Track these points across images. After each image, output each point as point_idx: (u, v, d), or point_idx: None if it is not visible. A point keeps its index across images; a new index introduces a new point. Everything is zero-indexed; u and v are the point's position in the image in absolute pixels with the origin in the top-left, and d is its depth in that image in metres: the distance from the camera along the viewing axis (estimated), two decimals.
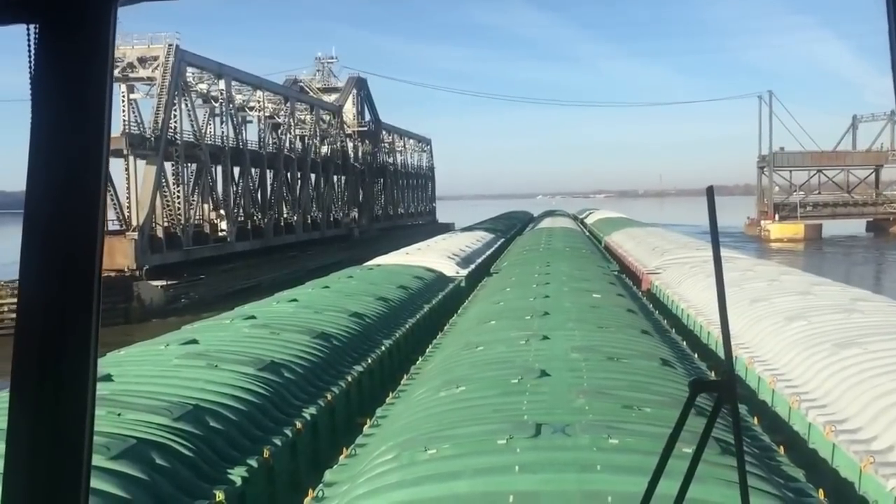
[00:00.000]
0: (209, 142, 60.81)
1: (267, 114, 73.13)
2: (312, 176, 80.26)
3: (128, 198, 54.90)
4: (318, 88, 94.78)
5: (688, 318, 24.39)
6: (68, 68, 1.43)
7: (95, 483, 7.69)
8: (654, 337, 16.39)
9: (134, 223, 51.40)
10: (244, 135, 67.93)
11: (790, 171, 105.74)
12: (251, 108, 71.25)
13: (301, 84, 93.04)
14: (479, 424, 9.30)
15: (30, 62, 1.44)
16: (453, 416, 9.96)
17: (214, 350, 13.92)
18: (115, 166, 55.82)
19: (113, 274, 47.38)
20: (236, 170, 65.43)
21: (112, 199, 55.14)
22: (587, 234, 72.09)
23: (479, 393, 11.02)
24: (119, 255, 48.63)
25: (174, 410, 10.17)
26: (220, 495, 8.94)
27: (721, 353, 19.49)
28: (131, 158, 53.05)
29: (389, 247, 54.72)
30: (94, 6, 1.43)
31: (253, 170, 68.39)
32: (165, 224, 54.58)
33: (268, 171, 70.65)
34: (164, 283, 48.32)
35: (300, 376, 13.83)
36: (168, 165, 55.39)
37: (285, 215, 72.98)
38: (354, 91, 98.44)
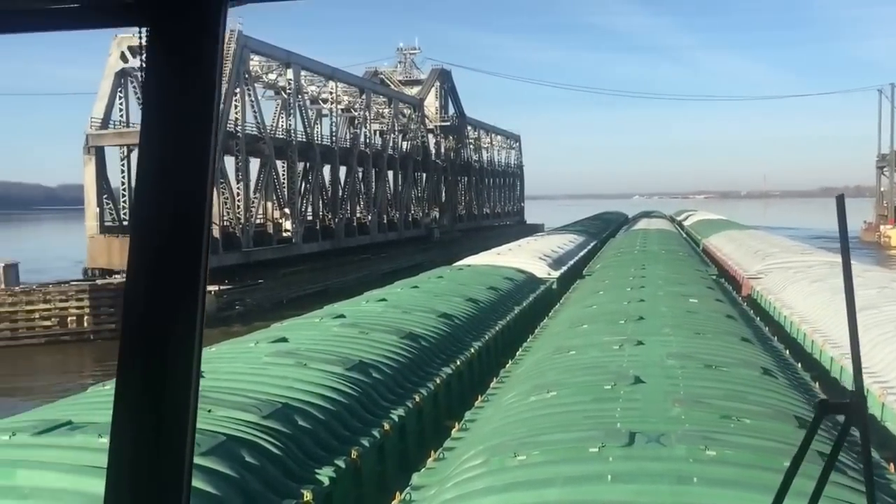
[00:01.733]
0: (275, 135, 56.37)
1: (342, 107, 68.92)
2: (390, 173, 76.51)
3: None
4: (400, 81, 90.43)
5: (791, 326, 23.43)
6: (178, 70, 1.45)
7: None
8: (755, 345, 15.75)
9: None
10: (320, 129, 64.57)
11: None
12: (324, 101, 67.11)
13: (381, 76, 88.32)
14: (570, 431, 9.05)
15: (141, 64, 1.49)
16: (544, 422, 9.72)
17: (304, 348, 14.00)
18: None
19: None
20: (306, 166, 61.27)
21: None
22: (684, 236, 70.43)
23: (571, 399, 10.76)
24: None
25: (263, 408, 10.22)
26: (307, 495, 8.92)
27: (826, 364, 18.59)
28: None
29: (471, 249, 52.74)
30: (205, 8, 1.44)
31: (325, 166, 63.49)
32: (223, 223, 50.42)
33: (341, 167, 65.67)
34: (216, 287, 44.15)
35: (388, 377, 13.78)
36: (229, 161, 52.05)
37: (359, 215, 68.64)
38: (437, 84, 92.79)
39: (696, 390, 10.67)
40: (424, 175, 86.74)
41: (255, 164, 56.32)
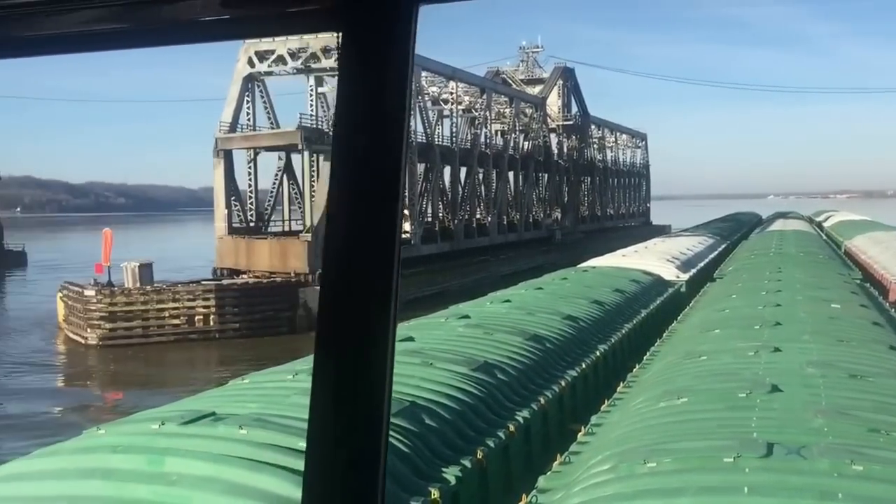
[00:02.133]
0: None
1: (463, 107, 68.98)
2: (511, 174, 75.62)
3: (293, 195, 52.73)
4: (522, 80, 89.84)
5: None
6: (369, 73, 1.49)
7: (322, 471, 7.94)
8: None
9: (308, 223, 49.06)
10: (441, 130, 64.51)
11: None
12: (445, 102, 67.22)
13: (503, 76, 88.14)
14: (702, 439, 8.73)
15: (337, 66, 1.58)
16: (674, 429, 9.42)
17: (429, 348, 14.10)
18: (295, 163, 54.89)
19: (278, 279, 45.59)
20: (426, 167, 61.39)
21: (295, 198, 54.48)
22: (824, 238, 67.20)
23: (703, 406, 10.39)
24: (292, 258, 46.70)
25: (393, 406, 10.29)
26: (435, 493, 8.95)
27: None
28: (305, 154, 50.23)
29: (594, 251, 51.24)
30: (397, 10, 1.47)
31: (445, 167, 63.58)
32: None
33: (461, 168, 65.89)
34: None
35: (513, 378, 13.70)
36: None
37: (478, 216, 68.43)
38: (560, 82, 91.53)
39: (840, 401, 10.09)
40: (546, 175, 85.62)
41: None
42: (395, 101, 1.46)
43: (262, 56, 53.07)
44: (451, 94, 66.29)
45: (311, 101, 55.72)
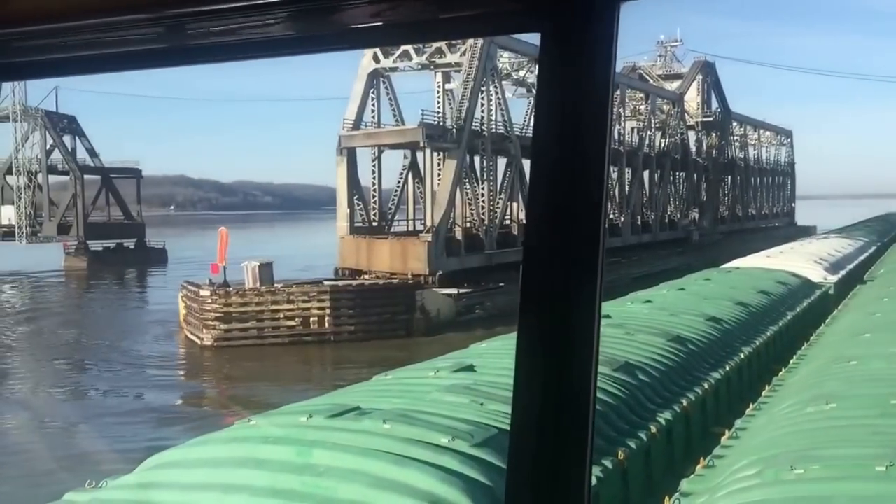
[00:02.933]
0: (523, 133, 54.36)
1: None
2: (648, 173, 73.22)
3: (419, 194, 49.91)
4: (659, 76, 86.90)
5: None
6: (571, 72, 1.45)
7: (459, 467, 8.26)
8: None
9: (429, 223, 46.83)
10: None
11: None
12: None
13: (640, 71, 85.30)
14: (853, 447, 8.54)
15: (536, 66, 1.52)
16: (823, 436, 9.24)
17: None
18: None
19: (395, 281, 43.54)
20: None
21: (420, 197, 51.35)
22: None
23: (853, 412, 10.11)
24: (412, 259, 44.71)
25: None
26: None
27: None
28: (427, 152, 48.11)
29: (732, 253, 48.71)
30: (599, 9, 1.43)
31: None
32: (466, 224, 49.73)
33: None
34: (454, 291, 42.93)
35: (655, 379, 13.65)
36: (475, 160, 51.35)
37: (611, 216, 64.93)
38: (699, 77, 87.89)
39: None
40: (684, 174, 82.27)
41: (501, 163, 55.39)
42: (598, 102, 1.43)
43: (387, 52, 51.08)
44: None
45: (438, 98, 53.52)
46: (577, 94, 1.44)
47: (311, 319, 40.99)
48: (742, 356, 17.24)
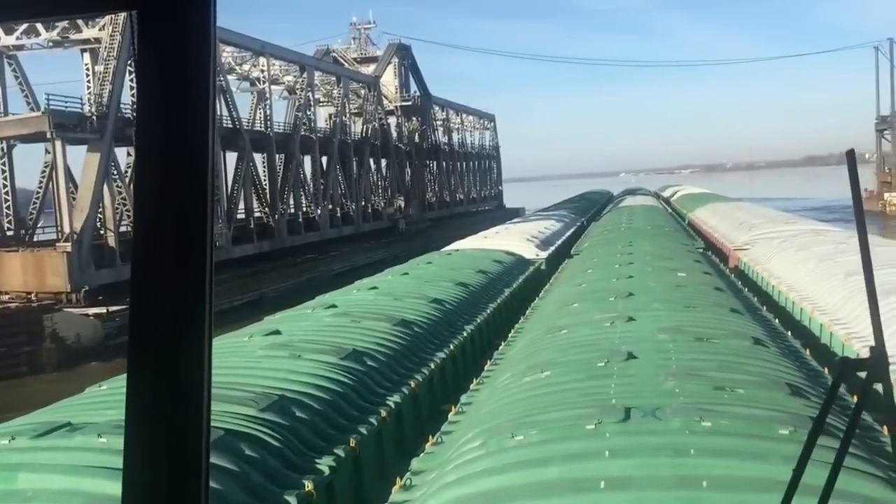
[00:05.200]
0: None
1: (284, 87, 62.07)
2: (346, 161, 66.95)
3: (53, 195, 39.66)
4: (355, 59, 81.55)
5: (779, 295, 23.61)
6: (168, 54, 1.35)
7: None
8: (745, 315, 15.87)
9: (67, 229, 37.25)
10: (263, 113, 55.69)
11: None
12: (258, 81, 58.25)
13: (334, 54, 79.74)
14: (566, 409, 9.11)
15: (133, 50, 1.38)
16: (539, 402, 9.79)
17: (297, 340, 14.02)
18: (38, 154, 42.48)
19: (13, 305, 33.15)
20: (235, 156, 51.73)
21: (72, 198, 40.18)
22: (670, 211, 70.68)
23: (565, 377, 10.83)
24: (50, 275, 35.67)
25: (260, 401, 10.24)
26: (309, 485, 8.95)
27: (816, 331, 18.76)
28: (58, 144, 38.10)
29: (442, 239, 48.90)
30: None
31: (258, 155, 53.80)
32: (122, 229, 40.48)
33: (280, 155, 56.79)
34: (103, 310, 33.77)
35: (383, 364, 13.82)
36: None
37: (304, 209, 59.53)
38: (396, 60, 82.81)
39: (689, 363, 10.75)
40: (385, 161, 77.76)
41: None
42: (199, 81, 1.34)
43: (9, 28, 42.46)
44: (263, 71, 56.93)
45: (89, 81, 43.27)
46: (176, 76, 1.34)
47: None
48: (465, 334, 17.99)
